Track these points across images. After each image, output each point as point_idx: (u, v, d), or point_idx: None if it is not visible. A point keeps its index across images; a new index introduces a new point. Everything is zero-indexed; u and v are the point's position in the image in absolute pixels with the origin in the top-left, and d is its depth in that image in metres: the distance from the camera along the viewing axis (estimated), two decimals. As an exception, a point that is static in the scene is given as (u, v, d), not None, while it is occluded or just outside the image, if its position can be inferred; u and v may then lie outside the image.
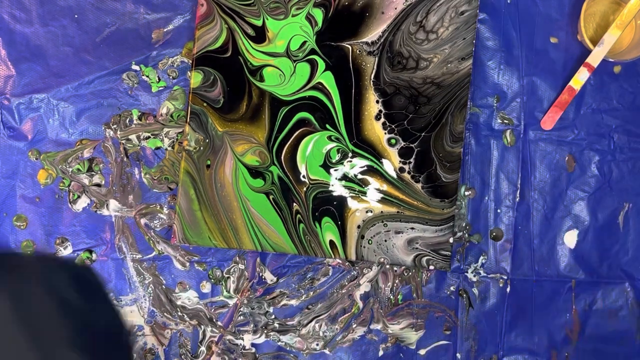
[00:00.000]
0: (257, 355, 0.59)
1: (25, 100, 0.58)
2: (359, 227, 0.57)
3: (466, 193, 0.60)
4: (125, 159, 0.59)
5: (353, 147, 0.57)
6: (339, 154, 0.57)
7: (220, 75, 0.57)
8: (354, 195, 0.57)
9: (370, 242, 0.57)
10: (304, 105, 0.57)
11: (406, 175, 0.57)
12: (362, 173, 0.57)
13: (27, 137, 0.59)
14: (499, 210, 0.60)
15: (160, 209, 0.59)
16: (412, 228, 0.57)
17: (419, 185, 0.57)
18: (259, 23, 0.57)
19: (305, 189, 0.57)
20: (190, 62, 0.58)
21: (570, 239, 0.60)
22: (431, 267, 0.58)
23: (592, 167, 0.60)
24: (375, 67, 0.57)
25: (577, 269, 0.60)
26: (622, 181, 0.60)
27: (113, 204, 0.59)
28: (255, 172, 0.57)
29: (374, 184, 0.57)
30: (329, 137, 0.57)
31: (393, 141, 0.57)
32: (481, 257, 0.60)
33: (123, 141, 0.59)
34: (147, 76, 0.59)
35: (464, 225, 0.60)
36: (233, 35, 0.57)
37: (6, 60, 0.58)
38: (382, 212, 0.57)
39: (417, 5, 0.57)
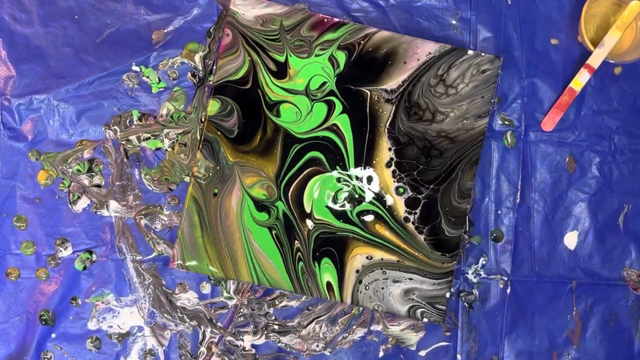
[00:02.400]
0: (257, 357, 0.59)
1: (25, 101, 0.58)
2: (357, 271, 0.57)
3: (466, 194, 0.60)
4: (125, 159, 0.59)
5: (360, 191, 0.57)
6: (346, 197, 0.57)
7: (237, 106, 0.57)
8: (356, 237, 0.57)
9: (367, 287, 0.57)
10: (316, 145, 0.57)
11: (410, 226, 0.57)
12: (366, 217, 0.57)
13: (28, 138, 0.59)
14: (499, 212, 0.60)
15: (160, 210, 0.59)
16: (411, 279, 0.57)
17: (422, 237, 0.57)
18: (281, 59, 0.57)
19: (308, 227, 0.57)
20: (210, 90, 0.58)
21: (571, 240, 0.60)
22: (425, 320, 0.57)
23: (592, 169, 0.60)
24: (391, 115, 0.57)
25: (578, 270, 0.60)
26: (622, 182, 0.60)
27: (113, 204, 0.59)
28: (261, 206, 0.57)
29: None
30: (338, 179, 0.57)
31: (401, 190, 0.57)
32: (481, 259, 0.60)
33: (123, 142, 0.59)
34: (148, 77, 0.59)
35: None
36: (255, 68, 0.57)
37: (7, 61, 0.58)
38: (382, 259, 0.57)
39: (439, 59, 0.57)
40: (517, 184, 0.60)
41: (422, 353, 0.60)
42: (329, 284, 0.57)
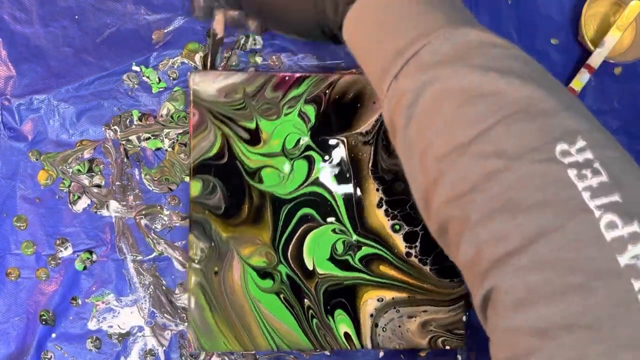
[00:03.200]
0: (257, 357, 0.59)
1: (25, 101, 0.58)
2: (371, 315, 0.57)
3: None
4: (125, 159, 0.59)
5: (358, 237, 0.57)
6: (345, 246, 0.57)
7: (219, 182, 0.57)
8: (363, 283, 0.57)
9: (384, 329, 0.57)
10: (305, 202, 0.57)
11: (414, 259, 0.57)
12: (368, 260, 0.57)
13: (28, 138, 0.59)
14: (499, 212, 0.60)
15: (160, 210, 0.59)
16: (425, 311, 0.57)
17: (427, 268, 0.57)
18: (252, 126, 0.57)
19: (315, 283, 0.57)
20: (189, 171, 0.57)
21: (571, 240, 0.60)
22: (447, 347, 0.58)
23: (592, 169, 0.60)
24: (372, 156, 0.57)
25: (578, 271, 0.60)
26: (622, 182, 0.60)
27: (113, 204, 0.59)
28: (263, 273, 0.57)
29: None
30: (333, 230, 0.57)
31: (397, 227, 0.57)
32: (481, 259, 0.60)
33: (123, 142, 0.59)
34: (148, 77, 0.59)
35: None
36: (228, 141, 0.57)
37: (7, 61, 0.58)
38: (393, 298, 0.57)
39: None
40: (517, 184, 0.60)
41: (422, 353, 0.60)
42: (346, 334, 0.57)
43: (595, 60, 0.58)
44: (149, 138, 0.59)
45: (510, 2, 0.60)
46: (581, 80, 0.59)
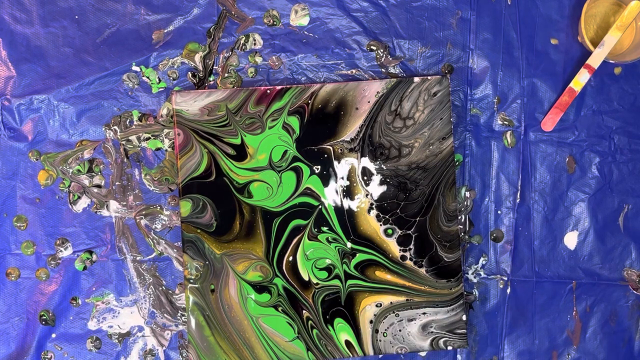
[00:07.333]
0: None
1: (25, 101, 0.58)
2: (371, 322, 0.57)
3: (466, 194, 0.60)
4: (125, 159, 0.59)
5: (351, 244, 0.57)
6: (339, 254, 0.57)
7: (209, 200, 0.57)
8: (360, 290, 0.57)
9: (385, 334, 0.57)
10: (296, 213, 0.57)
11: (409, 262, 0.57)
12: (364, 267, 0.57)
13: (28, 138, 0.59)
14: (499, 212, 0.60)
15: (160, 210, 0.59)
16: (424, 313, 0.57)
17: (423, 270, 0.57)
18: (237, 141, 0.57)
19: (312, 294, 0.57)
20: (178, 190, 0.57)
21: (571, 240, 0.60)
22: (449, 348, 0.58)
23: (592, 169, 0.60)
24: (359, 162, 0.57)
25: (578, 271, 0.60)
26: (622, 182, 0.60)
27: (113, 204, 0.59)
28: (260, 288, 0.57)
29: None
30: (327, 239, 0.57)
31: (390, 231, 0.57)
32: (481, 259, 0.60)
33: (123, 142, 0.59)
34: (148, 77, 0.59)
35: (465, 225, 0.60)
36: (214, 158, 0.57)
37: (7, 61, 0.58)
38: (391, 302, 0.57)
39: (389, 95, 0.57)
40: (517, 184, 0.60)
41: (422, 353, 0.60)
42: (347, 342, 0.57)
43: (595, 60, 0.58)
44: (149, 138, 0.59)
45: (510, 3, 0.60)
46: (581, 80, 0.59)
